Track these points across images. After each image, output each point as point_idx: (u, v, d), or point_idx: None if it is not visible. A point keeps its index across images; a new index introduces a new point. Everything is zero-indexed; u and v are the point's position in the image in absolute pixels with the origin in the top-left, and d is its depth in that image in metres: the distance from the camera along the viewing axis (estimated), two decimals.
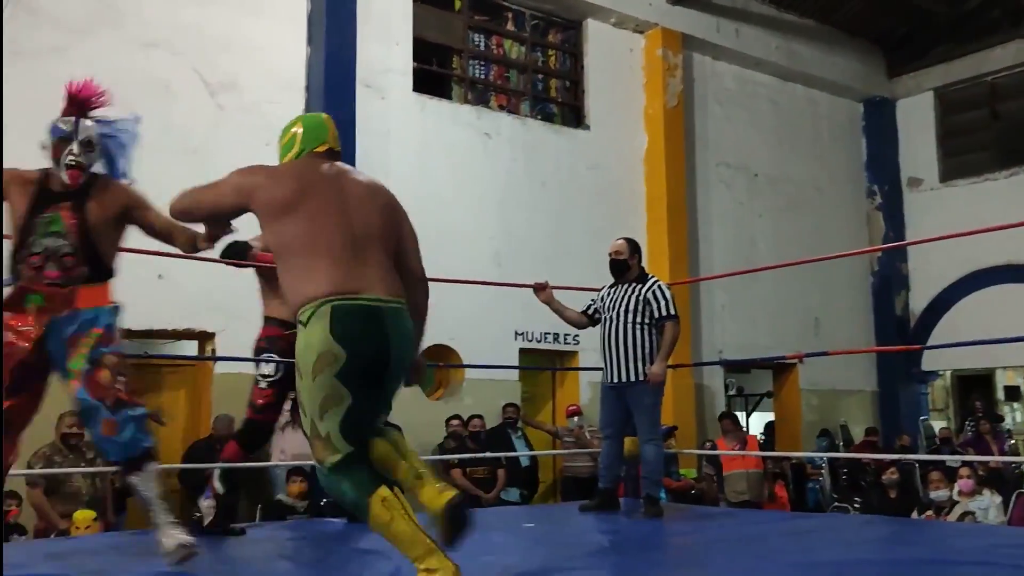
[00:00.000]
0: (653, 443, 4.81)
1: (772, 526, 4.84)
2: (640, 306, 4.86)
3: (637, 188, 10.50)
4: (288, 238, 2.57)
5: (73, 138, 3.16)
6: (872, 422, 12.09)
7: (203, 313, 7.52)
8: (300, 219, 2.58)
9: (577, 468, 8.47)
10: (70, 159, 3.13)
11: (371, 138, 8.50)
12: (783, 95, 12.22)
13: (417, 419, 8.32)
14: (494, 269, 8.84)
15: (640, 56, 10.71)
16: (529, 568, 3.27)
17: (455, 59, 9.67)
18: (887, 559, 3.52)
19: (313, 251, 2.55)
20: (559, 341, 9.34)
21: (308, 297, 2.52)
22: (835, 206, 12.56)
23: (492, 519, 5.37)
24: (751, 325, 11.11)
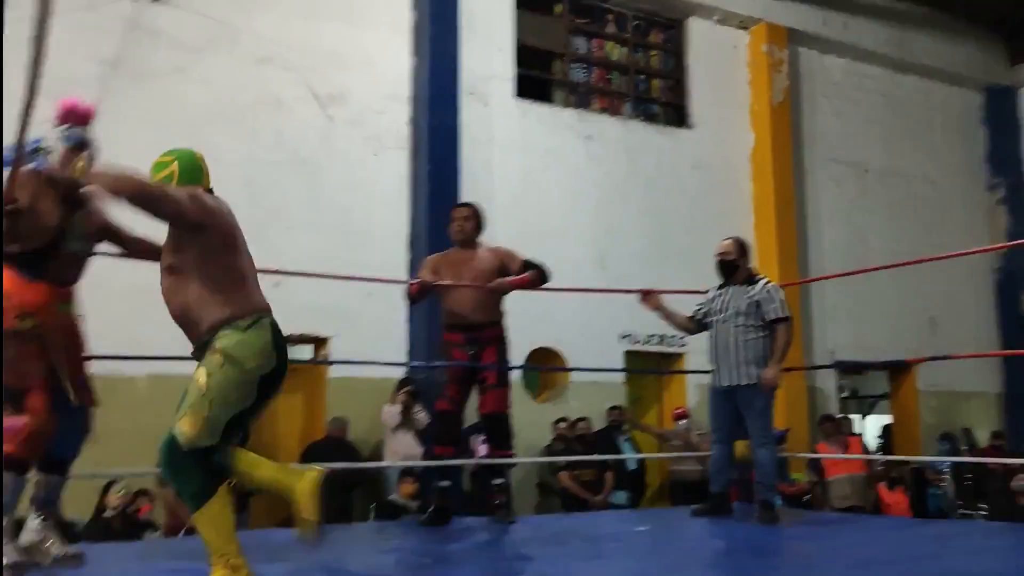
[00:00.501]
0: (767, 447, 4.72)
1: (892, 533, 4.69)
2: (751, 308, 4.78)
3: (743, 187, 10.32)
4: (228, 260, 2.87)
5: (87, 146, 3.29)
6: (997, 425, 11.53)
7: (317, 319, 7.76)
8: (239, 247, 2.93)
9: (685, 472, 8.38)
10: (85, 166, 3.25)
11: (475, 145, 8.63)
12: (894, 87, 11.79)
13: (523, 421, 8.39)
14: (598, 271, 8.83)
15: (744, 53, 10.53)
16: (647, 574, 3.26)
17: (557, 63, 9.71)
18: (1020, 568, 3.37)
19: (244, 274, 2.91)
20: (664, 343, 9.26)
21: (246, 309, 2.82)
22: (952, 200, 12.04)
23: (603, 522, 5.38)
24: (864, 325, 10.76)
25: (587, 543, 4.05)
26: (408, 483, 7.12)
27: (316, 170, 8.04)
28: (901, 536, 4.49)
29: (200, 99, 7.58)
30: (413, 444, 7.63)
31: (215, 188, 3.06)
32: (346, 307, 7.83)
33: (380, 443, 7.78)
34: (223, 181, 4.56)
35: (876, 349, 10.51)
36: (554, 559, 3.54)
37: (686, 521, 4.82)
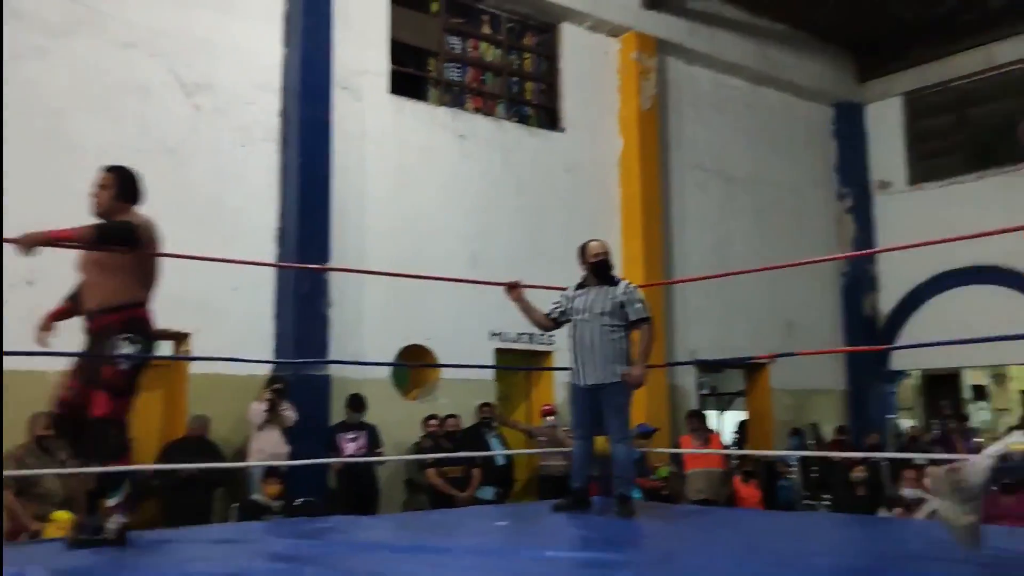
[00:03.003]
0: (624, 443, 4.88)
1: (745, 524, 4.95)
2: (615, 308, 4.93)
3: (612, 190, 10.60)
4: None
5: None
6: (842, 421, 12.27)
7: (179, 314, 7.51)
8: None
9: (552, 467, 8.55)
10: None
11: (347, 140, 8.55)
12: (757, 99, 12.36)
13: (393, 418, 8.40)
14: (470, 270, 8.90)
15: (615, 59, 10.81)
16: (500, 566, 3.34)
17: (431, 61, 9.72)
18: (854, 555, 3.62)
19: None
20: (534, 341, 9.42)
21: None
22: (808, 209, 12.74)
23: (465, 518, 5.45)
24: (725, 326, 11.24)
25: (442, 538, 4.10)
26: (273, 483, 7.00)
27: (182, 160, 7.78)
28: (747, 527, 4.73)
29: (62, 83, 7.23)
30: (280, 442, 7.50)
31: (75, 175, 2.92)
32: (210, 302, 7.62)
33: (245, 442, 7.61)
34: (84, 169, 4.38)
35: (736, 349, 11.01)
36: (402, 556, 3.57)
37: (547, 516, 4.93)
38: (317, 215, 8.17)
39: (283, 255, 8.09)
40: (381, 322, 8.59)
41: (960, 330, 10.28)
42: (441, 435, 8.14)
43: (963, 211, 11.45)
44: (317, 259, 7.94)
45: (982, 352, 11.64)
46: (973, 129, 12.67)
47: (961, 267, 11.96)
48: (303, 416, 7.67)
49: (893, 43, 12.94)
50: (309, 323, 8.04)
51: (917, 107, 13.10)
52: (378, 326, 8.56)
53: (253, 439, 7.47)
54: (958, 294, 12.07)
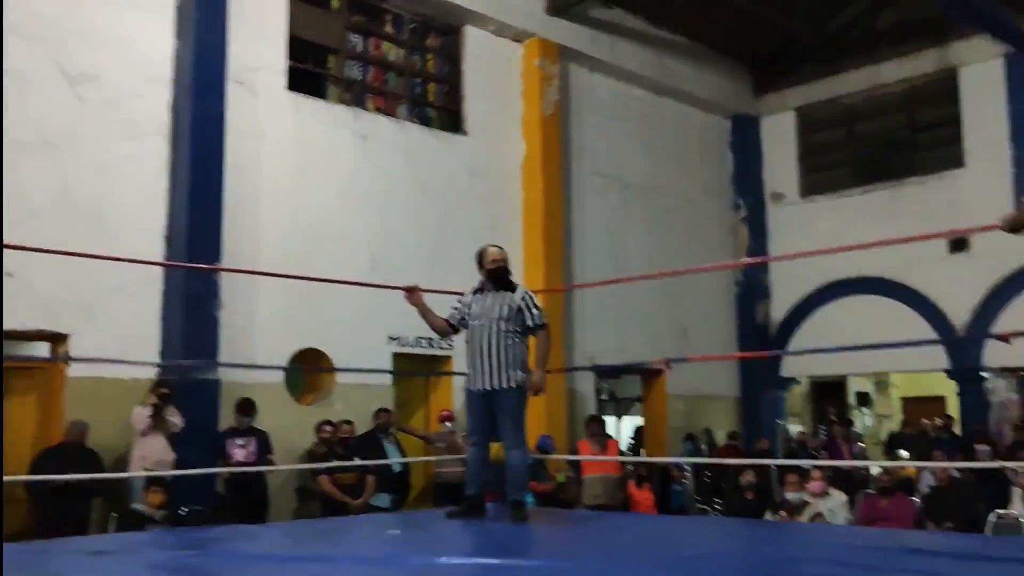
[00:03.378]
0: (519, 449, 4.85)
1: (635, 528, 4.98)
2: (512, 314, 4.89)
3: (514, 195, 10.60)
4: None
5: None
6: (734, 426, 12.58)
7: (58, 314, 7.15)
8: None
9: (449, 473, 8.47)
10: None
11: (242, 137, 8.30)
12: (656, 108, 12.58)
13: (286, 424, 8.18)
14: (370, 273, 8.75)
15: (518, 64, 10.83)
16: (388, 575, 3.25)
17: (331, 59, 9.52)
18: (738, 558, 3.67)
19: None
20: (433, 346, 9.33)
21: None
22: (704, 218, 13.03)
23: (357, 525, 5.33)
24: (622, 332, 11.38)
25: (331, 547, 3.99)
26: (156, 491, 6.70)
27: (64, 153, 7.41)
28: (639, 530, 4.76)
29: None
30: (165, 449, 7.20)
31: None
32: (92, 302, 7.28)
33: (128, 448, 7.27)
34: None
35: (634, 355, 11.15)
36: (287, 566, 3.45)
37: (440, 522, 4.86)
38: (208, 214, 7.89)
39: (172, 254, 7.78)
40: (275, 325, 8.36)
41: (846, 339, 10.72)
42: (335, 441, 7.96)
43: (851, 224, 11.94)
44: (208, 259, 7.67)
45: (866, 360, 12.14)
46: (861, 144, 13.20)
47: (848, 278, 12.43)
48: (190, 422, 7.38)
49: (787, 59, 13.38)
50: (198, 325, 7.75)
51: (809, 121, 13.57)
52: (272, 329, 8.33)
53: (136, 445, 7.15)
54: (845, 304, 12.54)
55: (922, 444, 10.73)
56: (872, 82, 12.74)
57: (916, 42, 12.23)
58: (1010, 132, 11.39)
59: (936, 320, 11.74)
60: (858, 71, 12.80)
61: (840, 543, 3.86)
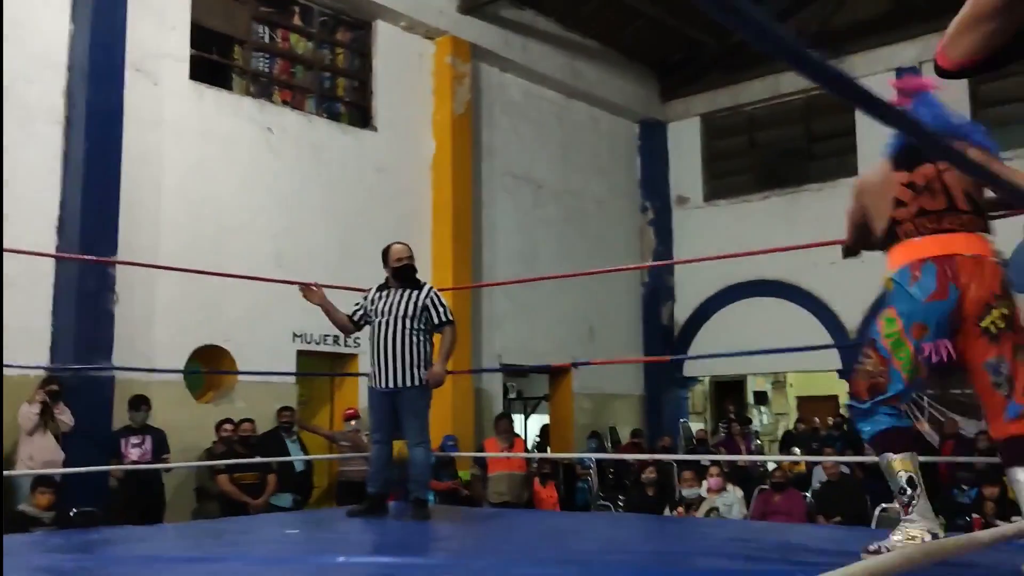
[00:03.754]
0: (422, 446, 4.85)
1: (535, 525, 5.03)
2: (417, 312, 4.88)
3: (424, 193, 10.56)
4: None
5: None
6: (638, 424, 12.82)
7: None
8: None
9: (353, 472, 8.38)
10: None
11: (141, 126, 8.05)
12: (567, 111, 12.72)
13: (184, 423, 7.96)
14: (275, 269, 8.58)
15: (429, 62, 10.79)
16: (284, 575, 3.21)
17: (237, 49, 9.31)
18: (634, 553, 3.74)
19: None
20: (339, 344, 9.22)
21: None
22: (613, 219, 13.23)
23: (256, 525, 5.23)
24: (531, 332, 11.47)
25: (226, 547, 3.91)
26: (44, 492, 6.43)
27: None
28: (541, 527, 4.82)
29: None
30: (54, 449, 6.93)
31: None
32: None
33: (14, 448, 6.97)
34: None
35: (541, 354, 11.24)
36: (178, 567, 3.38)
37: (342, 521, 4.82)
38: (104, 205, 7.62)
39: (64, 246, 7.49)
40: (174, 321, 8.14)
41: (746, 339, 11.05)
42: (235, 440, 7.79)
43: (751, 228, 12.31)
44: (103, 252, 7.39)
45: (764, 361, 12.52)
46: (761, 152, 13.62)
47: (748, 281, 12.81)
48: (82, 420, 7.12)
49: (693, 66, 13.70)
50: (91, 320, 7.48)
51: (713, 128, 13.94)
52: (170, 325, 8.10)
53: (22, 445, 6.86)
54: (745, 305, 12.91)
55: (814, 441, 11.15)
56: (773, 92, 13.16)
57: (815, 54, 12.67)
58: None
59: (829, 322, 12.20)
60: (760, 81, 13.19)
61: (730, 537, 3.98)
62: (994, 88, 11.74)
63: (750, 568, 3.13)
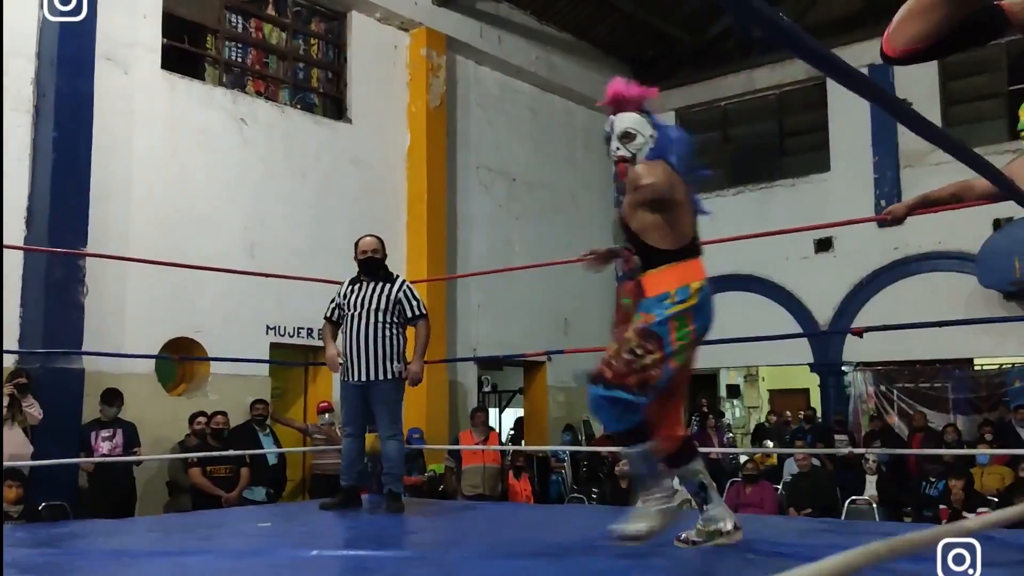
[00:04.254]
0: (395, 439, 4.85)
1: (509, 518, 5.04)
2: (391, 305, 4.88)
3: (398, 185, 10.53)
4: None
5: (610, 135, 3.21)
6: None
7: None
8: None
9: (326, 465, 8.35)
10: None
11: (112, 115, 7.95)
12: (542, 104, 12.72)
13: (156, 416, 7.89)
14: (247, 260, 8.54)
15: (404, 54, 10.75)
16: (255, 568, 3.19)
17: (209, 39, 9.22)
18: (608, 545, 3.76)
19: None
20: (312, 336, 9.17)
21: None
22: (587, 212, 13.24)
23: (229, 519, 5.20)
24: (505, 324, 11.47)
25: (197, 541, 3.89)
26: (11, 486, 6.35)
27: None
28: (514, 520, 4.83)
29: None
30: (22, 443, 6.83)
31: None
32: None
33: None
34: None
35: (516, 346, 11.23)
36: (145, 560, 3.35)
37: (314, 515, 4.80)
38: (73, 195, 7.53)
39: (32, 237, 7.39)
40: (145, 313, 8.06)
41: (718, 333, 11.09)
42: (208, 433, 7.73)
43: (724, 222, 12.29)
44: (72, 244, 7.31)
45: (736, 354, 12.60)
46: (735, 147, 13.69)
47: (720, 275, 12.77)
48: (51, 413, 7.02)
49: (667, 61, 13.75)
50: (60, 312, 7.39)
51: (687, 123, 13.96)
52: (142, 317, 8.02)
53: None
54: (717, 299, 12.92)
55: (785, 434, 11.25)
56: (747, 87, 13.24)
57: (788, 50, 12.75)
58: (872, 139, 12.03)
59: (801, 316, 12.31)
60: (734, 76, 13.27)
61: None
62: (964, 85, 11.90)
63: (722, 559, 3.16)
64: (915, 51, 1.84)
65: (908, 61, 1.91)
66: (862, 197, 11.69)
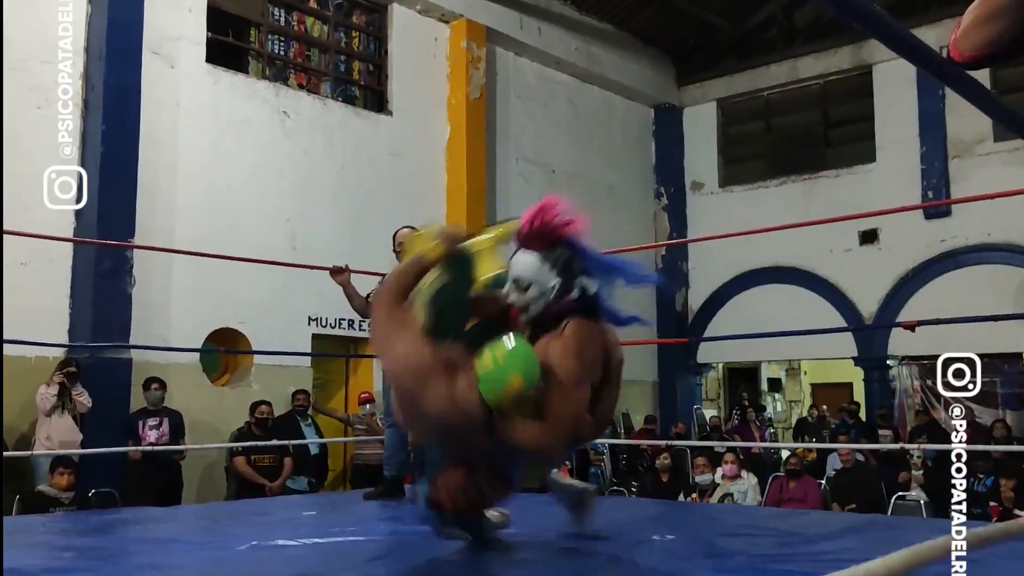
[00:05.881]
0: None
1: (549, 508, 5.02)
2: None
3: (438, 178, 10.55)
4: None
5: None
6: (651, 411, 12.81)
7: None
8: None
9: (368, 456, 8.42)
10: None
11: (158, 108, 8.07)
12: (581, 95, 12.66)
13: (200, 405, 8.01)
14: (289, 252, 8.61)
15: (444, 45, 10.76)
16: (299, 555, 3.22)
17: (253, 32, 9.30)
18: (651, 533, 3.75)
19: None
20: (353, 327, 9.24)
21: None
22: (626, 205, 13.17)
23: (274, 507, 5.26)
24: None
25: (243, 529, 3.93)
26: (63, 473, 6.48)
27: None
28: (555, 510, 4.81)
29: None
30: (71, 430, 6.99)
31: None
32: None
33: (32, 429, 7.03)
34: None
35: None
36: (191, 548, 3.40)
37: (358, 504, 4.83)
38: (121, 188, 7.65)
39: (81, 230, 7.52)
40: (190, 304, 8.17)
41: (760, 327, 11.01)
42: (252, 423, 7.83)
43: (766, 214, 12.22)
44: (120, 235, 7.42)
45: (779, 347, 12.50)
46: (777, 137, 13.51)
47: (763, 267, 12.75)
48: (100, 402, 7.16)
49: (709, 51, 13.61)
50: (109, 303, 7.52)
51: (729, 113, 13.84)
52: (186, 308, 8.13)
53: (40, 426, 6.92)
54: (760, 293, 12.85)
55: (827, 429, 11.11)
56: (790, 77, 13.06)
57: (833, 39, 12.57)
58: (919, 129, 11.81)
59: (845, 309, 12.14)
60: (777, 66, 13.09)
61: (746, 522, 3.98)
62: (1015, 74, 11.62)
63: (769, 553, 3.13)
64: (983, 56, 1.80)
65: (976, 66, 1.87)
66: (909, 188, 11.49)
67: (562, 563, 2.81)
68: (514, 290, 2.79)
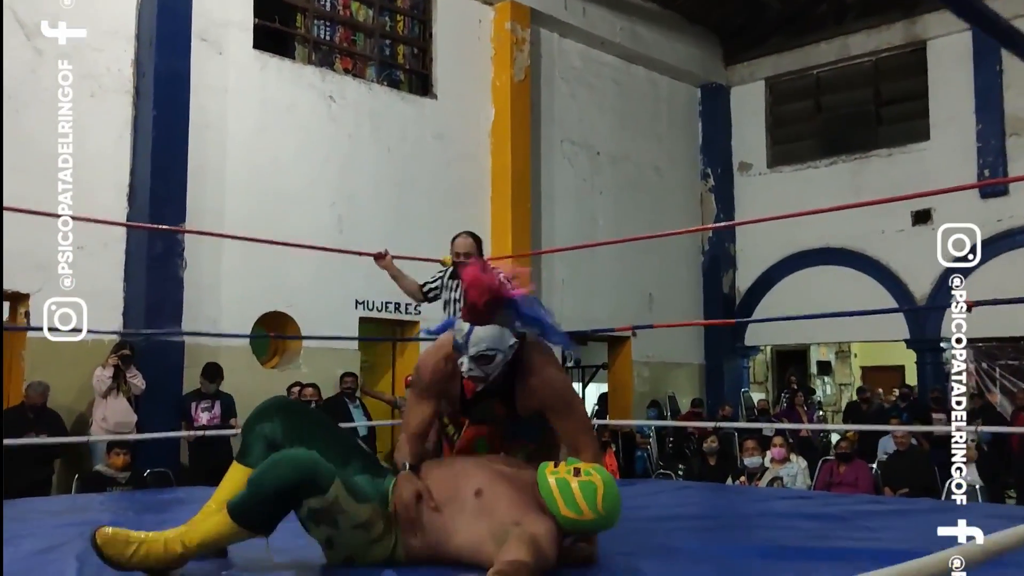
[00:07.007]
0: None
1: None
2: None
3: (483, 160, 10.54)
4: None
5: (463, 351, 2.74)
6: (698, 394, 12.73)
7: (16, 273, 7.01)
8: None
9: None
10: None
11: (207, 94, 8.16)
12: (626, 76, 12.54)
13: (251, 387, 8.11)
14: (336, 236, 8.68)
15: (489, 28, 10.72)
16: None
17: (299, 18, 9.36)
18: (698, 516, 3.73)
19: None
20: (400, 311, 9.30)
21: None
22: (672, 186, 13.06)
23: None
24: (589, 299, 11.42)
25: None
26: (118, 454, 6.64)
27: (20, 107, 7.22)
28: None
29: None
30: (126, 411, 7.15)
31: None
32: (52, 261, 7.13)
33: (89, 409, 7.20)
34: None
35: (600, 322, 11.18)
36: None
37: None
38: (172, 173, 7.77)
39: (134, 214, 7.66)
40: (240, 287, 8.28)
41: (809, 308, 10.85)
42: None
43: (816, 195, 12.00)
44: (171, 219, 7.56)
45: (827, 329, 12.31)
46: (827, 116, 13.26)
47: (811, 248, 12.56)
48: (154, 383, 7.32)
49: (757, 29, 13.38)
50: (161, 286, 7.66)
51: (778, 92, 13.61)
52: (236, 291, 8.25)
53: (97, 407, 7.08)
54: (809, 274, 12.67)
55: (878, 412, 10.93)
56: (841, 54, 12.80)
57: (885, 14, 12.29)
58: (975, 106, 11.51)
59: (897, 291, 11.92)
60: (827, 43, 12.84)
61: (797, 506, 3.94)
62: None
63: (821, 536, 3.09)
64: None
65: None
66: (964, 167, 11.21)
67: (602, 544, 2.81)
68: (477, 366, 2.71)
